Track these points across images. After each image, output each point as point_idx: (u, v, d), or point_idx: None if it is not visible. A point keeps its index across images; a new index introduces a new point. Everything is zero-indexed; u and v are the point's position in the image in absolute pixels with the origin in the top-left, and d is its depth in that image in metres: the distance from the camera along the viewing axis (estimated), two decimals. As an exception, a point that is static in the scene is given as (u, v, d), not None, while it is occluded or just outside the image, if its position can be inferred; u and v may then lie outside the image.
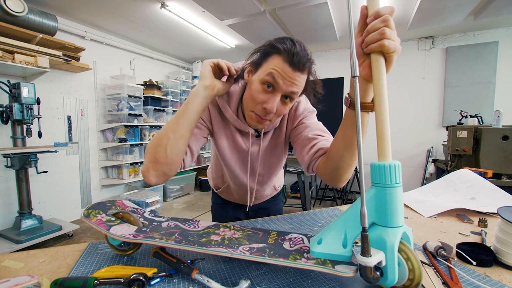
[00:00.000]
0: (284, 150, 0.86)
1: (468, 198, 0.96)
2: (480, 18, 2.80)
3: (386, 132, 0.44)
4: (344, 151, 0.59)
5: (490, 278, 0.51)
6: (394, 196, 0.42)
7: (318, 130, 0.74)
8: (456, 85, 3.46)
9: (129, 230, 0.55)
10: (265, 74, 0.63)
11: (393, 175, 0.42)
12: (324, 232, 0.52)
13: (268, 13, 2.76)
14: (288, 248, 0.53)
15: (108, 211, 0.62)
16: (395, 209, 0.42)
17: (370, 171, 0.44)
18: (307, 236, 0.59)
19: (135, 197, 3.15)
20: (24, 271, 0.55)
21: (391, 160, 0.43)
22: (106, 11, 2.80)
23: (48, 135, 2.85)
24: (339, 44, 3.96)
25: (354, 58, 0.44)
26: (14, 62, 2.20)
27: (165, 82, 4.10)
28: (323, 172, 0.67)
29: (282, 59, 0.62)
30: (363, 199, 0.41)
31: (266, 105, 0.64)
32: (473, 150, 2.25)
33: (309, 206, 3.15)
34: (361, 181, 0.41)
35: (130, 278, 0.47)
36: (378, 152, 0.44)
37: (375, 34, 0.45)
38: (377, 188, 0.43)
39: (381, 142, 0.44)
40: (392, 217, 0.42)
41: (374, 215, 0.44)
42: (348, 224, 0.48)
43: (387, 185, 0.42)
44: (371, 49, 0.46)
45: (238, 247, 0.53)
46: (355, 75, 0.44)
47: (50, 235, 2.43)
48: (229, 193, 1.01)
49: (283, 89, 0.63)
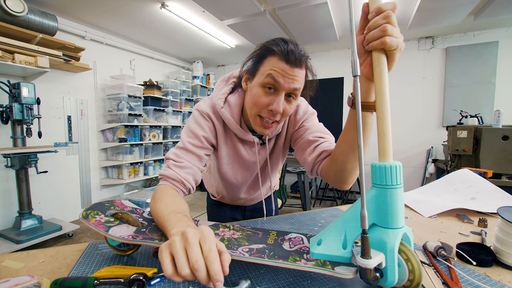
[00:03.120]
0: (283, 155, 0.87)
1: (468, 198, 0.96)
2: (480, 18, 2.80)
3: (387, 132, 0.43)
4: (349, 153, 0.59)
5: (490, 278, 0.51)
6: (395, 197, 0.41)
7: (319, 132, 0.73)
8: (456, 85, 3.46)
9: (128, 231, 0.55)
10: (264, 76, 0.62)
11: (394, 176, 0.42)
12: (323, 232, 0.52)
13: (268, 13, 2.76)
14: (288, 249, 0.53)
15: (107, 211, 0.62)
16: (396, 211, 0.41)
17: (371, 171, 0.44)
18: (306, 236, 0.59)
19: (135, 197, 3.15)
20: (24, 271, 0.55)
21: (392, 161, 0.43)
22: (106, 11, 2.80)
23: (48, 135, 2.85)
24: (339, 44, 3.96)
25: (355, 56, 0.43)
26: (14, 62, 2.20)
27: (165, 82, 4.10)
28: (328, 175, 0.66)
29: (278, 58, 0.61)
30: (363, 201, 0.41)
31: (272, 107, 0.63)
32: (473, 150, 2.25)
33: (309, 206, 3.15)
34: (361, 182, 0.41)
35: (130, 278, 0.47)
36: (379, 152, 0.44)
37: (377, 31, 0.43)
38: (377, 189, 0.43)
39: (382, 142, 0.43)
40: (393, 218, 0.42)
41: (375, 216, 0.43)
42: (348, 225, 0.47)
43: (388, 186, 0.42)
44: (372, 47, 0.44)
45: (237, 248, 0.52)
46: (356, 74, 0.43)
47: (50, 235, 2.43)
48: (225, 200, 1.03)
49: (285, 88, 0.62)
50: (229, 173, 0.84)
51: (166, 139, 4.05)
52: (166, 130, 4.09)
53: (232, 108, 0.75)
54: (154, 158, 3.75)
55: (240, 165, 0.83)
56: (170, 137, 4.13)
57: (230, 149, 0.80)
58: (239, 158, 0.81)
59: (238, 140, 0.79)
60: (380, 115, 0.44)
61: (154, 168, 3.81)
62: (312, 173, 0.72)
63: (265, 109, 0.65)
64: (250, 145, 0.80)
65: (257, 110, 0.66)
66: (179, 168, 0.68)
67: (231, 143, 0.79)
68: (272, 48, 0.62)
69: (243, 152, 0.80)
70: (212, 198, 1.07)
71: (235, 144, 0.79)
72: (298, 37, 3.47)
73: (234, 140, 0.79)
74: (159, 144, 3.89)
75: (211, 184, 1.03)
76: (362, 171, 0.42)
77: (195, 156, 0.71)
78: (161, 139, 3.87)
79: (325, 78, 4.24)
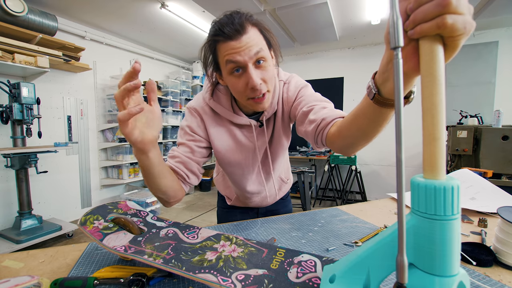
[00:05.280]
0: (286, 136, 0.84)
1: (468, 198, 0.96)
2: (480, 18, 2.80)
3: (440, 135, 0.29)
4: (359, 137, 0.54)
5: (490, 278, 0.51)
6: (450, 232, 0.27)
7: (315, 100, 0.70)
8: (456, 85, 3.47)
9: (124, 240, 0.53)
10: (225, 66, 0.63)
11: (449, 202, 0.27)
12: (339, 264, 0.38)
13: (268, 13, 2.76)
14: (294, 280, 0.43)
15: (109, 215, 0.61)
16: (450, 251, 0.27)
17: (411, 190, 0.29)
18: (322, 259, 0.48)
19: (135, 197, 3.15)
20: (24, 271, 0.55)
21: (445, 178, 0.28)
22: (106, 11, 2.80)
23: (48, 135, 2.85)
24: (339, 44, 3.96)
25: (396, 16, 0.26)
26: (14, 62, 2.20)
27: (165, 82, 4.10)
28: (334, 146, 0.62)
29: (222, 42, 0.61)
30: (402, 242, 0.26)
31: (250, 84, 0.62)
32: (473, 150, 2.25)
33: (309, 206, 3.15)
34: (400, 214, 0.26)
35: (130, 278, 0.47)
36: (425, 164, 0.29)
37: (432, 6, 0.27)
38: (420, 219, 0.28)
39: (430, 149, 0.29)
40: (445, 262, 0.27)
41: (413, 254, 0.29)
42: (374, 262, 0.33)
43: (440, 217, 0.27)
44: (423, 32, 0.28)
45: (231, 274, 0.45)
46: (397, 46, 0.26)
47: (50, 235, 2.43)
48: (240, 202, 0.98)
49: (246, 61, 0.60)
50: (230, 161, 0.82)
51: (166, 139, 4.05)
52: (166, 130, 4.09)
53: (220, 97, 0.76)
54: (154, 158, 3.75)
55: (239, 150, 0.81)
56: (170, 137, 4.13)
57: (227, 137, 0.80)
58: (238, 144, 0.80)
59: (236, 127, 0.79)
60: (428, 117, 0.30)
61: (154, 168, 3.80)
62: (317, 144, 0.67)
63: (248, 90, 0.64)
64: (248, 129, 0.80)
65: (243, 96, 0.66)
66: (171, 158, 0.74)
67: (228, 131, 0.79)
68: (212, 39, 0.63)
69: (241, 137, 0.80)
70: (226, 202, 1.03)
71: (232, 131, 0.79)
72: (298, 37, 3.47)
73: (231, 128, 0.79)
74: (159, 144, 3.89)
75: (225, 185, 1.00)
76: (401, 193, 0.25)
77: (186, 147, 0.75)
78: (161, 139, 3.87)
79: (325, 78, 4.24)
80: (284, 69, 0.83)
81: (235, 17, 0.61)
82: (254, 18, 0.64)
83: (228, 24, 0.59)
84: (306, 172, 3.03)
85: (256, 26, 0.63)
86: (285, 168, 1.00)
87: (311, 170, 3.10)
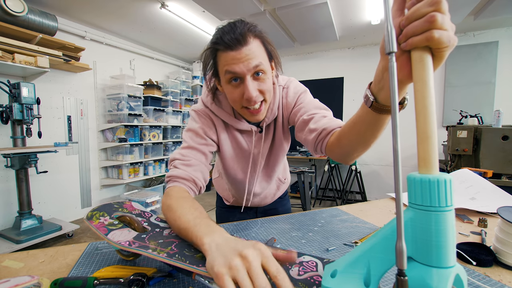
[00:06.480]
0: (286, 139, 0.85)
1: (468, 198, 0.96)
2: (480, 18, 2.80)
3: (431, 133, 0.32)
4: (357, 145, 0.56)
5: (490, 278, 0.51)
6: (444, 223, 0.29)
7: (314, 108, 0.71)
8: (456, 85, 3.47)
9: (128, 236, 0.54)
10: (224, 74, 0.63)
11: (443, 194, 0.30)
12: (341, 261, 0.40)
13: (268, 13, 2.76)
14: (295, 277, 0.44)
15: (114, 213, 0.62)
16: (445, 242, 0.29)
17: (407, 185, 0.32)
18: (323, 261, 0.49)
19: (135, 197, 3.15)
20: (24, 271, 0.55)
21: (439, 173, 0.31)
22: (106, 11, 2.80)
23: (48, 135, 2.85)
24: (339, 44, 3.96)
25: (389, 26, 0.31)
26: (14, 62, 2.20)
27: (165, 82, 4.10)
28: (333, 154, 0.64)
29: (222, 51, 0.61)
30: (400, 229, 0.29)
31: (246, 96, 0.63)
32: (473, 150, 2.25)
33: (309, 206, 3.15)
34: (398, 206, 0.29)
35: (130, 278, 0.47)
36: (419, 160, 0.32)
37: (421, 23, 0.31)
38: (416, 212, 0.31)
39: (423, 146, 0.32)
40: (440, 253, 0.29)
41: (411, 247, 0.31)
42: (374, 255, 0.35)
43: (434, 208, 0.30)
44: (413, 44, 0.32)
45: None
46: (391, 51, 0.30)
47: (50, 235, 2.43)
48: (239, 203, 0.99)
49: (244, 72, 0.61)
50: (233, 166, 0.83)
51: (166, 139, 4.05)
52: (166, 130, 4.09)
53: (222, 101, 0.76)
54: (154, 158, 3.75)
55: (241, 156, 0.82)
56: (170, 137, 4.13)
57: (232, 142, 0.80)
58: (240, 149, 0.81)
59: (238, 132, 0.79)
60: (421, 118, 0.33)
61: (154, 168, 3.81)
62: (316, 152, 0.69)
63: (243, 100, 0.65)
64: (249, 134, 0.80)
65: (238, 105, 0.67)
66: (188, 166, 0.67)
67: (232, 135, 0.79)
68: (213, 47, 0.63)
69: (242, 142, 0.80)
70: (225, 203, 1.04)
71: (235, 136, 0.79)
72: (298, 37, 3.47)
73: (234, 132, 0.79)
74: (159, 144, 3.89)
75: (223, 187, 1.01)
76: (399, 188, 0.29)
77: (201, 153, 0.71)
78: (161, 139, 3.87)
79: (325, 78, 4.24)
80: (284, 69, 0.83)
81: (238, 26, 0.61)
82: (257, 29, 0.64)
83: (229, 33, 0.59)
84: (306, 172, 3.04)
85: (259, 37, 0.64)
86: (283, 168, 1.01)
87: (311, 170, 3.10)
